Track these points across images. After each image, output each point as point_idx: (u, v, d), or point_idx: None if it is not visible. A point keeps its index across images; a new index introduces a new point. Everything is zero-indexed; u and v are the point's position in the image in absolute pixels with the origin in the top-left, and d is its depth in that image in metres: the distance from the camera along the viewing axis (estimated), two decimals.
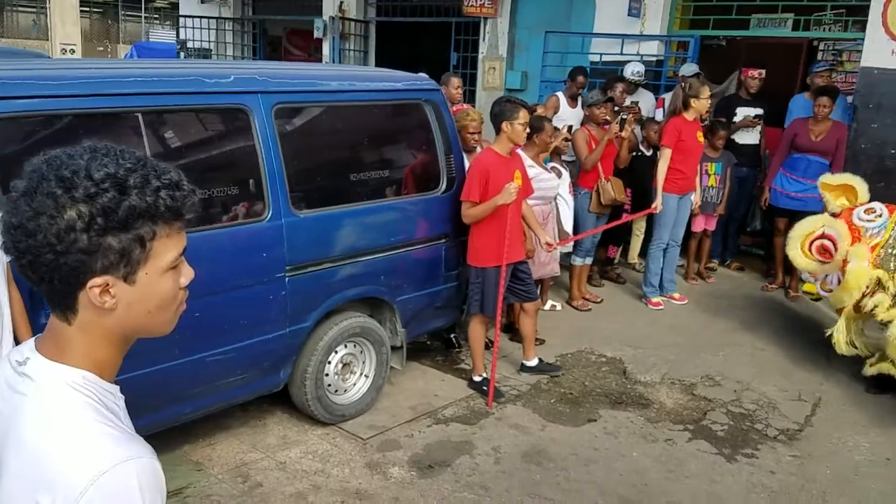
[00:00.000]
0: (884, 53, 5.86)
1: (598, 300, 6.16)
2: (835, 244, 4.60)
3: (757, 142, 6.63)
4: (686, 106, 5.65)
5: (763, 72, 6.50)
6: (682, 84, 5.79)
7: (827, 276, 4.77)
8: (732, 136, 6.49)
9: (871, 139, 5.90)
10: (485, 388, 4.49)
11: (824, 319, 5.94)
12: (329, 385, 4.03)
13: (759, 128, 6.56)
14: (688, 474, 3.80)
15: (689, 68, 6.63)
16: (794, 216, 6.12)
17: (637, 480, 3.72)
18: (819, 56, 7.86)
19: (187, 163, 3.49)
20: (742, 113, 6.54)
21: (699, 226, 6.46)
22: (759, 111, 6.53)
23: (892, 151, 5.79)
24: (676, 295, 6.19)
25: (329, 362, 4.00)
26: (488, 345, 4.71)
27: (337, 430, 4.05)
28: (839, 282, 4.64)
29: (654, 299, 6.06)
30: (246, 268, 3.52)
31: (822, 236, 4.69)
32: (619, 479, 3.72)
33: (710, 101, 5.75)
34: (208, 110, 3.55)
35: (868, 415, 4.43)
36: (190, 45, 11.19)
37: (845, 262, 4.55)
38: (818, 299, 4.50)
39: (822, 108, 5.89)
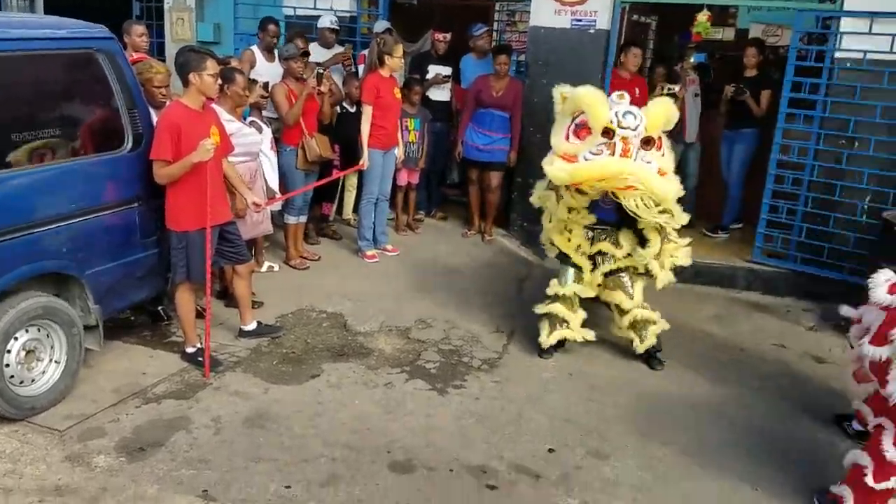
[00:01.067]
0: (548, 13, 6.43)
1: (316, 258, 6.17)
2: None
3: (448, 98, 7.05)
4: (381, 62, 5.81)
5: (448, 35, 6.88)
6: (378, 40, 5.91)
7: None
8: (427, 94, 6.82)
9: (542, 94, 6.52)
10: (200, 358, 4.27)
11: (516, 259, 6.64)
12: (12, 376, 3.54)
13: (449, 85, 6.98)
14: (406, 412, 4.01)
15: (381, 25, 6.80)
16: (485, 167, 6.70)
17: (360, 426, 3.83)
18: (496, 17, 8.52)
19: None
20: (433, 71, 6.88)
21: (404, 179, 6.74)
22: (449, 70, 6.93)
23: None
24: (389, 246, 6.43)
25: (8, 351, 3.49)
26: (200, 313, 4.47)
27: (27, 424, 3.59)
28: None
29: (369, 252, 6.23)
30: None
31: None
32: (343, 428, 3.80)
33: (402, 59, 5.95)
34: None
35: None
36: None
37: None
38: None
39: (501, 65, 6.43)
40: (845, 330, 5.25)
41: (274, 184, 5.42)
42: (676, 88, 6.75)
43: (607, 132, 4.01)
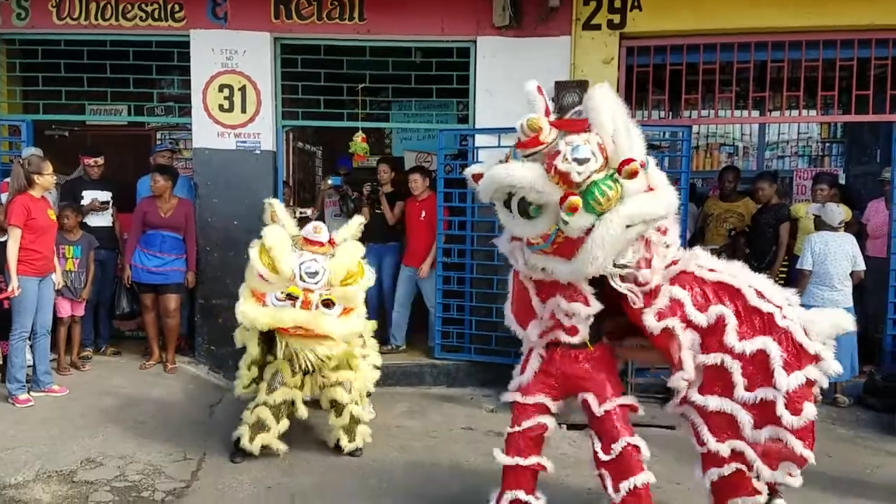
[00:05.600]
0: (211, 135, 6.53)
1: None
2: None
3: (111, 224, 6.64)
4: (31, 183, 5.36)
5: (100, 159, 6.59)
6: (21, 162, 5.46)
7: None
8: (85, 220, 6.37)
9: (215, 212, 6.52)
10: None
11: (205, 385, 6.25)
12: None
13: (110, 210, 6.60)
14: None
15: (30, 151, 6.29)
16: (160, 290, 6.32)
17: None
18: (160, 141, 8.37)
19: None
20: (89, 196, 6.49)
21: (66, 311, 6.05)
22: (108, 194, 6.58)
23: (236, 223, 6.48)
24: (56, 387, 5.64)
25: None
26: None
27: None
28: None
29: (21, 396, 5.36)
30: None
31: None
32: None
33: (53, 177, 5.53)
34: None
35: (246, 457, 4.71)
36: None
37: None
38: None
39: (156, 184, 6.25)
40: None
41: None
42: (308, 212, 7.12)
43: (291, 297, 4.22)
